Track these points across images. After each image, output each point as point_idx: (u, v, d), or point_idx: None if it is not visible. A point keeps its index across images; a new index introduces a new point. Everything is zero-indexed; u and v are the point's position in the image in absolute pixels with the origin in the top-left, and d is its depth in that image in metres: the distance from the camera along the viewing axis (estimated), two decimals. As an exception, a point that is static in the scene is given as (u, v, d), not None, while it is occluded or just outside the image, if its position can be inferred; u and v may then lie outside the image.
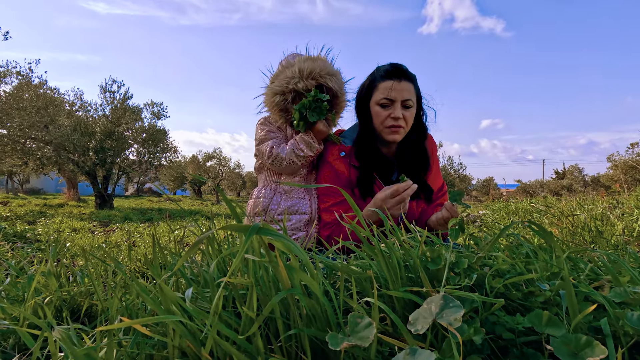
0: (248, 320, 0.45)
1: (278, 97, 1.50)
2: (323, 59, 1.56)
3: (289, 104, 1.50)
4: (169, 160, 14.61)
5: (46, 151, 10.56)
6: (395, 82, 1.32)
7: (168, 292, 0.48)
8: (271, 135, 1.57)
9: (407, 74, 1.36)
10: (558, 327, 0.52)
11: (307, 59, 1.52)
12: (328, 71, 1.51)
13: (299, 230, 1.49)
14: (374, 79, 1.40)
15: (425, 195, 1.47)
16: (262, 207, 1.52)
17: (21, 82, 9.74)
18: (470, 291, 0.66)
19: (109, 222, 7.68)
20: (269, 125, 1.59)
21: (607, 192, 5.32)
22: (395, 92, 1.32)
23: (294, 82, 1.47)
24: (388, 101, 1.33)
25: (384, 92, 1.33)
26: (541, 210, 2.56)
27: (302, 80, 1.47)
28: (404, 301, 0.60)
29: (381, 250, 0.59)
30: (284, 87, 1.49)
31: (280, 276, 0.45)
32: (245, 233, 0.43)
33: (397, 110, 1.32)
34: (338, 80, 1.55)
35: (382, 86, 1.35)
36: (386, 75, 1.35)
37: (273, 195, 1.55)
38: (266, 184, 1.61)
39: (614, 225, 1.76)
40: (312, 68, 1.48)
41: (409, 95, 1.34)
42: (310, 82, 1.47)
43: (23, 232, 3.84)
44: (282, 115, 1.54)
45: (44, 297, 0.81)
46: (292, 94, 1.49)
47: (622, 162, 14.98)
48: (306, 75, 1.47)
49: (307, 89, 1.47)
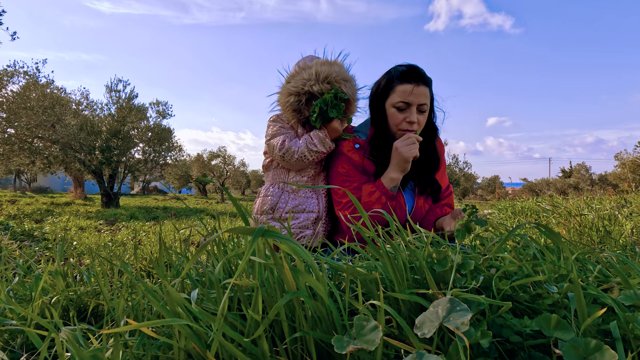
0: (253, 323, 0.45)
1: (293, 98, 1.52)
2: (340, 64, 1.58)
3: (303, 105, 1.53)
4: (174, 159, 14.69)
5: (53, 150, 10.66)
6: (415, 86, 1.32)
7: (174, 293, 0.48)
8: (283, 130, 1.60)
9: (425, 78, 1.36)
10: (567, 330, 0.51)
11: (325, 63, 1.54)
12: (343, 77, 1.53)
13: (306, 228, 1.50)
14: (391, 78, 1.39)
15: (434, 194, 1.49)
16: (270, 205, 1.54)
17: (28, 81, 9.83)
18: (477, 293, 0.65)
19: (115, 220, 7.75)
20: (280, 122, 1.62)
21: (615, 191, 5.26)
22: (413, 96, 1.32)
23: (310, 85, 1.49)
24: (404, 105, 1.34)
25: (402, 96, 1.34)
26: (548, 210, 2.53)
27: (317, 83, 1.49)
28: (410, 303, 0.60)
29: (386, 252, 0.59)
30: (299, 89, 1.51)
31: (286, 278, 0.45)
32: (251, 235, 0.43)
33: (412, 115, 1.33)
34: (352, 87, 1.57)
35: (399, 89, 1.35)
36: (404, 77, 1.35)
37: (281, 194, 1.57)
38: (274, 182, 1.63)
39: (623, 225, 1.74)
40: (329, 72, 1.50)
41: (425, 99, 1.34)
42: (326, 86, 1.49)
43: (31, 231, 3.88)
44: (294, 115, 1.56)
45: (51, 297, 0.82)
46: (307, 95, 1.52)
47: (630, 160, 14.78)
48: (322, 78, 1.49)
49: (322, 93, 1.50)
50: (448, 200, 1.54)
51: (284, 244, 0.47)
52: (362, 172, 1.46)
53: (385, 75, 1.43)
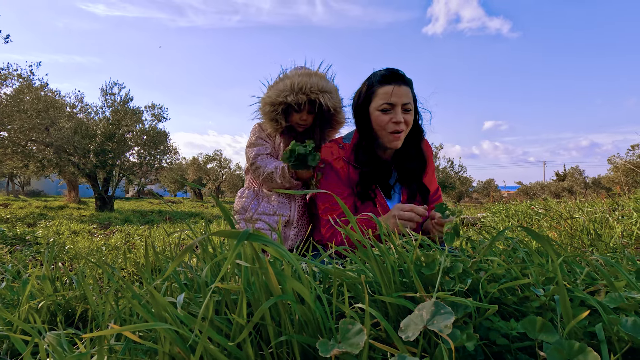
0: (238, 327, 0.45)
1: (268, 107, 1.54)
2: (321, 75, 1.58)
3: (279, 115, 1.54)
4: (169, 163, 14.62)
5: (47, 153, 10.57)
6: (395, 86, 1.33)
7: (158, 297, 0.47)
8: (259, 142, 1.62)
9: (405, 79, 1.37)
10: (551, 333, 0.52)
11: (303, 74, 1.54)
12: (321, 87, 1.52)
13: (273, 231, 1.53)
14: (371, 84, 1.40)
15: (422, 198, 1.48)
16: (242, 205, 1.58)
17: (22, 84, 9.76)
18: (465, 296, 0.65)
19: (109, 224, 7.68)
20: (260, 132, 1.65)
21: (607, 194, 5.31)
22: (395, 96, 1.33)
23: (284, 95, 1.50)
24: (389, 106, 1.34)
25: (384, 97, 1.34)
26: (540, 213, 2.55)
27: (292, 93, 1.50)
28: (397, 306, 0.60)
29: (374, 255, 0.59)
30: (274, 99, 1.52)
31: (271, 282, 0.45)
32: (235, 239, 0.43)
33: (398, 115, 1.33)
34: (334, 97, 1.56)
35: (381, 91, 1.35)
36: (385, 80, 1.36)
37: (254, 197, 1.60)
38: (250, 185, 1.67)
39: (613, 228, 1.75)
40: (304, 83, 1.50)
41: (408, 99, 1.35)
42: (301, 97, 1.50)
43: (22, 235, 3.84)
44: (272, 125, 1.58)
45: (39, 302, 0.81)
46: (283, 105, 1.53)
47: (623, 164, 14.97)
48: (297, 89, 1.50)
49: (298, 103, 1.50)
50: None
51: (269, 248, 0.47)
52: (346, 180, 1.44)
53: (365, 82, 1.44)
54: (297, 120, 1.58)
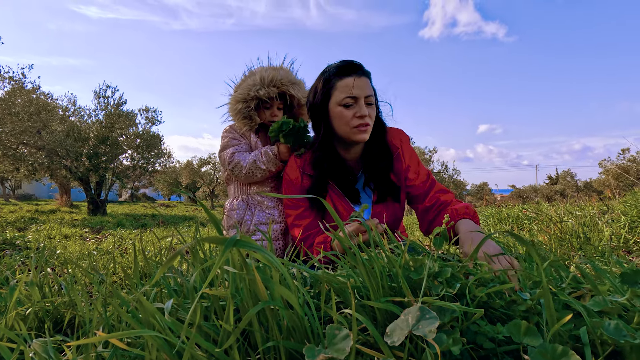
0: (226, 333, 0.45)
1: (241, 105, 1.52)
2: (286, 69, 1.60)
3: (252, 111, 1.53)
4: (163, 166, 14.54)
5: (38, 157, 10.45)
6: (356, 78, 1.22)
7: (146, 304, 0.47)
8: (233, 142, 1.58)
9: (364, 69, 1.26)
10: (535, 336, 0.52)
11: (269, 68, 1.56)
12: (290, 80, 1.54)
13: (276, 240, 1.49)
14: (328, 78, 1.27)
15: (393, 197, 1.35)
16: (238, 218, 1.52)
17: (14, 87, 9.67)
18: (454, 300, 0.66)
19: (101, 228, 7.61)
20: (232, 133, 1.61)
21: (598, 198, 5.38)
22: (357, 88, 1.21)
23: (256, 89, 1.49)
24: (351, 100, 1.22)
25: (345, 91, 1.22)
26: (531, 217, 2.58)
27: (263, 87, 1.50)
28: (386, 311, 0.61)
29: (362, 260, 0.60)
30: (245, 95, 1.51)
31: (257, 289, 0.45)
32: (223, 245, 0.43)
33: (362, 109, 1.22)
34: (301, 90, 1.58)
35: (341, 84, 1.23)
36: (343, 72, 1.24)
37: (246, 207, 1.55)
38: (236, 195, 1.61)
39: (602, 231, 1.78)
40: (274, 76, 1.51)
41: (370, 91, 1.24)
42: (272, 90, 1.50)
43: (12, 239, 3.78)
44: (245, 123, 1.56)
45: (26, 308, 0.80)
46: (255, 101, 1.52)
47: (614, 167, 15.18)
48: (267, 82, 1.50)
49: (270, 96, 1.50)
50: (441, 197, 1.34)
51: (257, 254, 0.47)
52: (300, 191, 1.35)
53: (320, 76, 1.31)
54: (268, 117, 1.57)
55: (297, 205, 1.36)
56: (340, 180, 1.33)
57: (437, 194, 1.34)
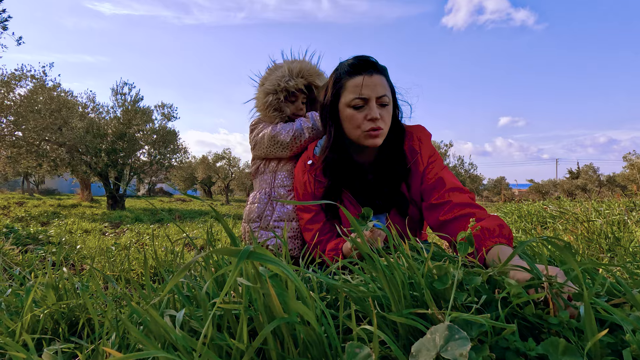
0: (239, 352, 0.43)
1: (271, 97, 1.54)
2: (308, 62, 1.62)
3: (282, 102, 1.54)
4: (179, 161, 14.77)
5: (60, 153, 10.76)
6: (366, 76, 1.11)
7: (157, 318, 0.45)
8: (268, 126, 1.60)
9: (377, 66, 1.15)
10: (575, 356, 0.48)
11: (294, 61, 1.59)
12: (315, 71, 1.57)
13: (296, 238, 1.47)
14: (338, 77, 1.18)
15: (400, 210, 1.22)
16: (257, 213, 1.53)
17: (36, 85, 9.94)
18: (479, 310, 0.62)
19: (120, 223, 7.79)
20: (263, 123, 1.61)
21: (622, 193, 5.16)
22: (367, 88, 1.11)
23: (285, 81, 1.51)
24: (361, 101, 1.12)
25: (355, 91, 1.12)
26: (555, 215, 2.48)
27: (292, 78, 1.52)
28: (408, 324, 0.57)
29: (382, 268, 0.56)
30: (275, 86, 1.52)
31: (273, 305, 0.42)
32: (236, 257, 0.40)
33: (373, 110, 1.11)
34: (324, 80, 1.57)
35: (350, 84, 1.13)
36: (353, 70, 1.14)
37: (268, 201, 1.55)
38: (261, 188, 1.61)
39: (632, 232, 1.68)
40: (301, 67, 1.53)
41: (383, 90, 1.12)
42: (300, 81, 1.52)
43: (36, 234, 3.90)
44: (276, 115, 1.56)
45: (42, 310, 0.80)
46: (284, 92, 1.53)
47: (639, 161, 14.56)
48: (295, 74, 1.52)
49: (298, 88, 1.52)
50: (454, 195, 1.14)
51: (272, 267, 0.44)
52: (310, 196, 1.29)
53: (332, 74, 1.22)
54: (293, 110, 1.58)
55: (309, 209, 1.31)
56: (354, 187, 1.25)
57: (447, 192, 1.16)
